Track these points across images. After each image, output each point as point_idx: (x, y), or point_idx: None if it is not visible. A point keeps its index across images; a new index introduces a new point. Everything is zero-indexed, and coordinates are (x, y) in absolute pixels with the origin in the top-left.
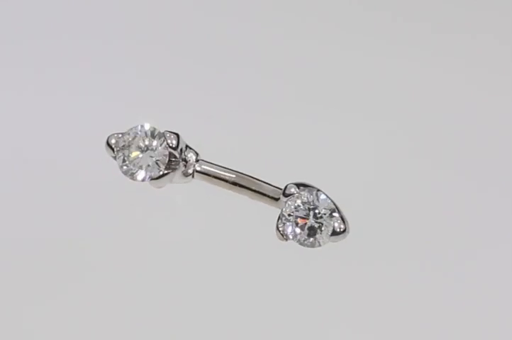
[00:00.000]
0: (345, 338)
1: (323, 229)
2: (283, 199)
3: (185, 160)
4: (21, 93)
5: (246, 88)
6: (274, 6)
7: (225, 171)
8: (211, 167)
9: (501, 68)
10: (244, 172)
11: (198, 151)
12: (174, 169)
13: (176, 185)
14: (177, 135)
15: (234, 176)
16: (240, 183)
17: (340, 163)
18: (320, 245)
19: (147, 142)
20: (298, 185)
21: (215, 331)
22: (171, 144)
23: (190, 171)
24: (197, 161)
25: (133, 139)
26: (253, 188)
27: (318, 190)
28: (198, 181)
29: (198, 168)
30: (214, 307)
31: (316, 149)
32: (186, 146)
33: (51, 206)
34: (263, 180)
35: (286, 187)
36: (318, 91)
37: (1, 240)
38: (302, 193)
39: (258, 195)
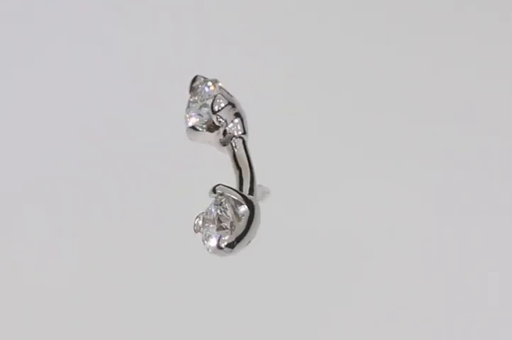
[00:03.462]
0: None
1: (211, 240)
2: (211, 194)
3: (225, 130)
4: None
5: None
6: None
7: (242, 161)
8: (238, 149)
9: None
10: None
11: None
12: (211, 131)
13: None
14: (227, 103)
15: (242, 169)
16: (241, 177)
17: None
18: (210, 251)
19: (205, 96)
20: (234, 190)
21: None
22: (214, 107)
23: (227, 143)
24: (239, 137)
25: (202, 88)
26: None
27: (242, 204)
28: None
29: (232, 144)
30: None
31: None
32: (237, 115)
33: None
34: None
35: (216, 185)
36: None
37: None
38: (226, 199)
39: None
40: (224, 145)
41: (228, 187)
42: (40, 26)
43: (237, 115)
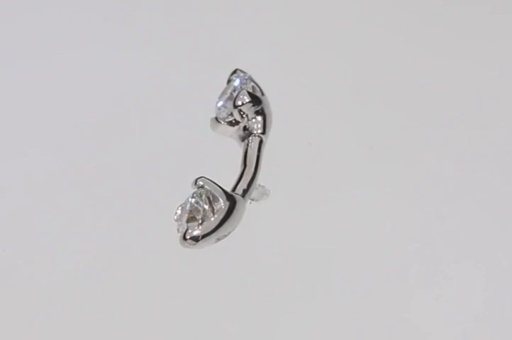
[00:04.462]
0: None
1: (180, 230)
2: (192, 186)
3: (245, 125)
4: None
5: None
6: None
7: (251, 159)
8: (251, 148)
9: None
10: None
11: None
12: (231, 125)
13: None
14: (250, 99)
15: (247, 167)
16: (242, 174)
17: None
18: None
19: (233, 90)
20: (216, 185)
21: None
22: (237, 102)
23: (245, 139)
24: (257, 136)
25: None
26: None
27: (220, 200)
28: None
29: (249, 140)
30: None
31: None
32: (259, 113)
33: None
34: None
35: (199, 177)
36: None
37: None
38: (205, 192)
39: None
40: (242, 141)
41: (211, 181)
42: (40, 26)
43: (259, 113)
